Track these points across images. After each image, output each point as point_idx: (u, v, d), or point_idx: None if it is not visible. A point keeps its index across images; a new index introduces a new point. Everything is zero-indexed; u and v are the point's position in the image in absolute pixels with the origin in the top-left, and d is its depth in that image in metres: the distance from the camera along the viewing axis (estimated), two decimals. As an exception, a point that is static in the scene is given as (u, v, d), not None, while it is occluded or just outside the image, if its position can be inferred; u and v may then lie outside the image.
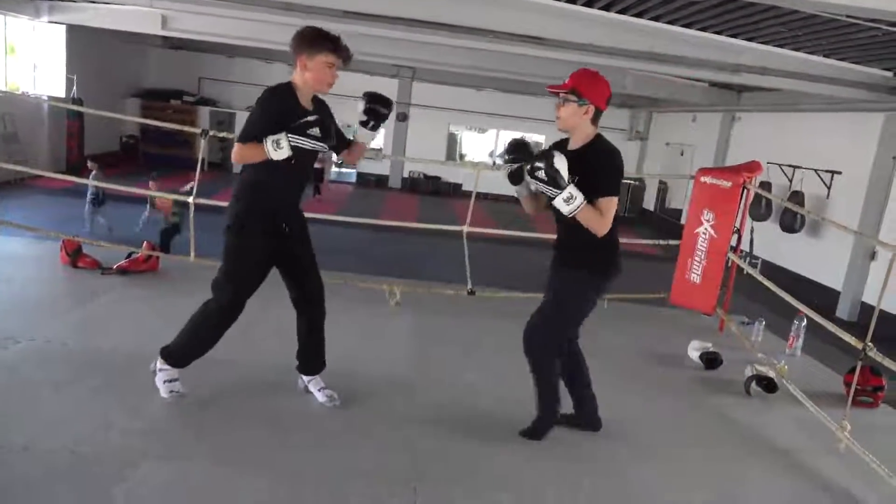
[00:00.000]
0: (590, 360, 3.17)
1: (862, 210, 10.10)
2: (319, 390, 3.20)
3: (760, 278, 4.63)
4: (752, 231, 4.83)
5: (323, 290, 3.14)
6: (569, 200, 2.62)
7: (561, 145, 2.87)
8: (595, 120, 2.78)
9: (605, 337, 4.77)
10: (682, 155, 17.00)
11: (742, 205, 4.85)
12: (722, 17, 7.34)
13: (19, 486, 2.33)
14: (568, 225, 2.76)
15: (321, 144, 2.74)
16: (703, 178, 4.97)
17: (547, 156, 2.63)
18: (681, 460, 3.16)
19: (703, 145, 15.53)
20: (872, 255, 9.96)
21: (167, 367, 3.01)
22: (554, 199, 2.65)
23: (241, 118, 17.91)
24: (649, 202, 18.64)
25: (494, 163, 2.73)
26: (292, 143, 2.67)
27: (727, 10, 7.04)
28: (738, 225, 4.92)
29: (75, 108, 12.08)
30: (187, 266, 5.03)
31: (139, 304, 4.39)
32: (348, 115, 4.33)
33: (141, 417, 2.89)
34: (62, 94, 13.87)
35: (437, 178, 19.57)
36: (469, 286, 5.14)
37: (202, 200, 5.03)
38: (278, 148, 2.67)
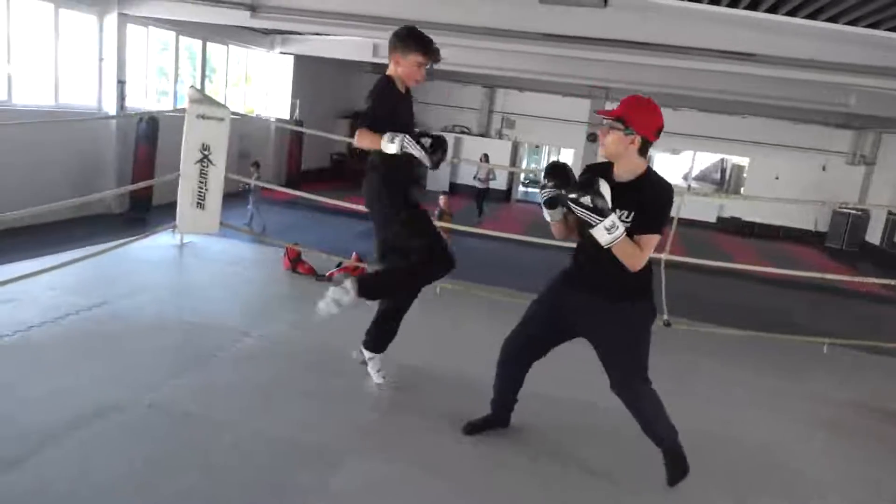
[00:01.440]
0: (804, 409, 2.87)
1: None
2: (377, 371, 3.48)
3: None
4: None
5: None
6: (611, 229, 2.48)
7: (600, 170, 2.71)
8: (643, 151, 2.63)
9: (821, 381, 4.31)
10: (918, 182, 14.82)
11: None
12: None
13: (255, 468, 2.67)
14: (609, 256, 2.57)
15: (427, 158, 3.00)
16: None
17: (591, 183, 2.50)
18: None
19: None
20: None
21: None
22: (595, 226, 2.49)
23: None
24: (874, 235, 16.45)
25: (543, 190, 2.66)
26: (403, 144, 2.95)
27: None
28: None
29: (296, 128, 13.58)
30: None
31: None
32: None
33: (350, 414, 3.16)
34: (286, 116, 15.65)
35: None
36: (665, 317, 4.93)
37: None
38: (391, 143, 2.95)
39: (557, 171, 2.73)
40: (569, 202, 2.54)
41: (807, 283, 10.18)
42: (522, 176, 21.97)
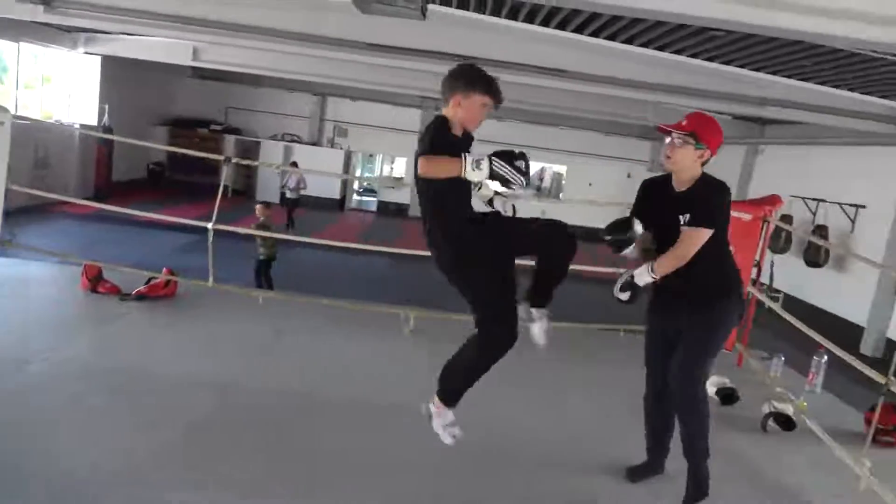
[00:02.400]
0: (601, 392, 3.14)
1: (887, 244, 9.92)
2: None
3: (781, 312, 4.55)
4: (772, 265, 4.75)
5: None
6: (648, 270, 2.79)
7: (660, 183, 2.93)
8: (705, 164, 2.82)
9: (621, 369, 4.72)
10: (704, 187, 16.89)
11: (762, 238, 4.79)
12: (746, 50, 7.36)
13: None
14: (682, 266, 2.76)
15: (521, 179, 2.54)
16: (721, 211, 4.93)
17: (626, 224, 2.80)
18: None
19: (725, 177, 15.11)
20: (897, 291, 9.76)
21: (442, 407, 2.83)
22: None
23: (265, 146, 18.28)
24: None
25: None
26: (494, 167, 2.49)
27: (751, 45, 7.05)
28: (758, 258, 4.86)
29: (104, 135, 12.40)
30: (205, 291, 5.10)
31: (153, 329, 4.46)
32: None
33: (152, 440, 2.92)
34: (94, 122, 14.26)
35: (459, 208, 19.64)
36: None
37: (222, 226, 5.12)
38: (477, 168, 2.49)
39: (616, 229, 2.85)
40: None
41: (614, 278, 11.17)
42: (356, 185, 21.91)
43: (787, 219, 11.73)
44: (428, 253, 2.80)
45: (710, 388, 4.36)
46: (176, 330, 4.45)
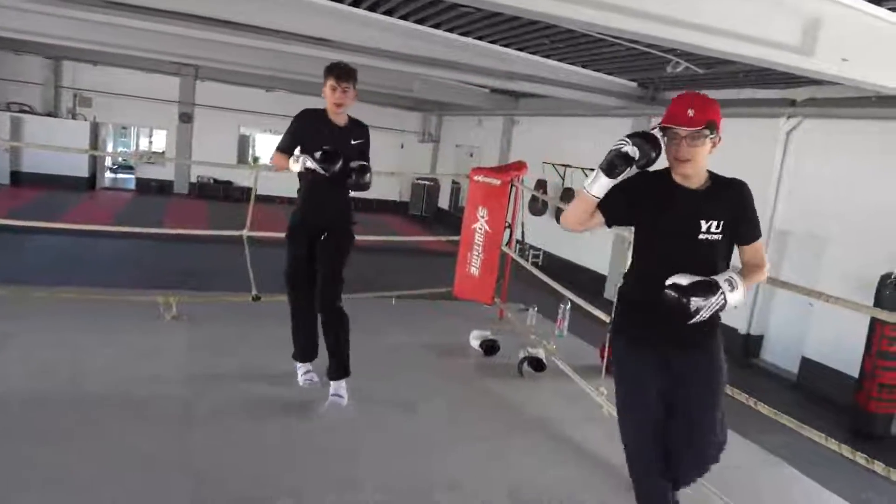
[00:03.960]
0: (378, 356, 3.22)
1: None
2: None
3: (529, 267, 5.05)
4: (522, 225, 5.24)
5: (324, 300, 3.49)
6: (733, 285, 2.14)
7: (654, 179, 2.24)
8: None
9: (393, 333, 4.90)
10: (471, 156, 18.00)
11: (512, 201, 5.24)
12: (494, 27, 7.91)
13: None
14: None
15: (320, 167, 3.26)
16: (476, 177, 5.30)
17: (714, 288, 2.10)
18: (457, 438, 3.36)
19: (489, 147, 16.60)
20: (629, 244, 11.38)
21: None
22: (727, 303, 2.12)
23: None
24: (444, 202, 19.49)
25: None
26: (305, 162, 3.29)
27: (497, 22, 7.59)
28: (509, 220, 5.31)
29: None
30: None
31: None
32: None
33: None
34: None
35: (230, 183, 18.60)
36: (253, 292, 4.96)
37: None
38: (295, 162, 3.33)
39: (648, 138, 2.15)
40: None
41: (395, 248, 11.55)
42: (109, 161, 19.65)
43: (541, 183, 13.03)
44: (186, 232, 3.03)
45: (475, 341, 4.73)
46: None
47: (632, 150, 2.09)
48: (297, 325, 3.69)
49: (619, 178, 2.12)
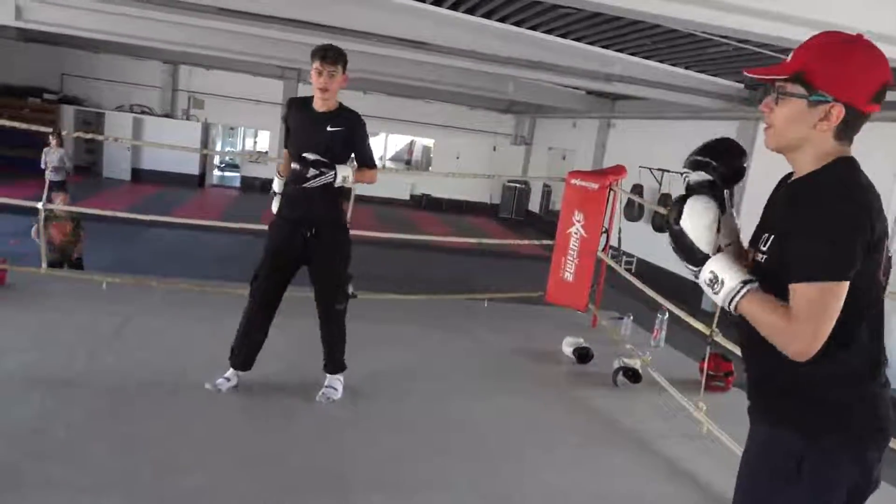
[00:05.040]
0: (471, 357, 3.21)
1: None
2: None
3: (626, 275, 4.90)
4: (619, 231, 5.09)
5: (324, 302, 3.35)
6: (713, 285, 1.44)
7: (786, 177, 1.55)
8: (846, 134, 1.40)
9: (486, 336, 4.89)
10: (563, 159, 17.75)
11: (609, 206, 5.10)
12: (594, 28, 7.75)
13: None
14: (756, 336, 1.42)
15: (305, 169, 3.01)
16: (572, 181, 5.20)
17: (680, 200, 1.52)
18: (549, 451, 3.28)
19: (583, 150, 16.30)
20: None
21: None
22: (696, 279, 1.51)
23: (111, 118, 16.83)
24: (535, 205, 19.32)
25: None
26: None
27: (597, 23, 7.44)
28: (606, 225, 5.18)
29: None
30: (37, 279, 4.64)
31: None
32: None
33: None
34: None
35: (326, 182, 19.21)
36: (350, 289, 5.08)
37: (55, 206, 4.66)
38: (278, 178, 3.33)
39: (708, 152, 1.57)
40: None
41: (486, 251, 11.58)
42: (217, 160, 20.81)
43: (637, 188, 12.65)
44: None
45: (567, 348, 4.63)
46: (6, 322, 4.00)
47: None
48: (247, 325, 3.31)
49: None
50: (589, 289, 5.20)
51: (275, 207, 3.31)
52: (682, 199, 1.51)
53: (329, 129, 3.13)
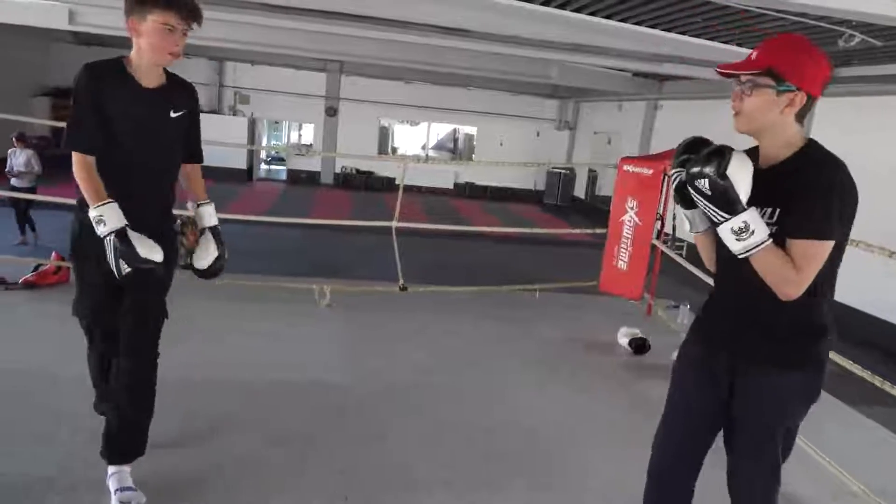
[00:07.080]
0: (530, 350, 3.16)
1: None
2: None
3: (683, 262, 4.76)
4: (674, 217, 4.91)
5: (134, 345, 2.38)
6: (740, 233, 1.62)
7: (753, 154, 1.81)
8: (802, 115, 1.72)
9: (540, 327, 4.83)
10: (609, 143, 17.41)
11: (664, 191, 4.97)
12: (639, 7, 7.51)
13: None
14: (762, 288, 1.68)
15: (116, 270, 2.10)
16: (625, 167, 5.07)
17: (718, 154, 1.67)
18: (607, 444, 3.22)
19: (629, 133, 15.95)
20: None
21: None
22: (718, 225, 1.65)
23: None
24: (580, 190, 19.03)
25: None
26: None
27: (643, 2, 7.21)
28: (660, 211, 5.04)
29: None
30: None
31: (45, 321, 4.13)
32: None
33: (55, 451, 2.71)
34: (-39, 95, 12.95)
35: (370, 173, 19.37)
36: (401, 282, 5.09)
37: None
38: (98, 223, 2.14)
39: (692, 146, 1.82)
40: (687, 185, 1.70)
41: (531, 238, 11.45)
42: (263, 154, 21.15)
43: (686, 171, 12.29)
44: (333, 221, 2.87)
45: (623, 339, 4.55)
46: (72, 322, 4.12)
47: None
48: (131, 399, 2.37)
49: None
50: (644, 277, 5.08)
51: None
52: (717, 153, 1.67)
53: (172, 115, 2.23)
